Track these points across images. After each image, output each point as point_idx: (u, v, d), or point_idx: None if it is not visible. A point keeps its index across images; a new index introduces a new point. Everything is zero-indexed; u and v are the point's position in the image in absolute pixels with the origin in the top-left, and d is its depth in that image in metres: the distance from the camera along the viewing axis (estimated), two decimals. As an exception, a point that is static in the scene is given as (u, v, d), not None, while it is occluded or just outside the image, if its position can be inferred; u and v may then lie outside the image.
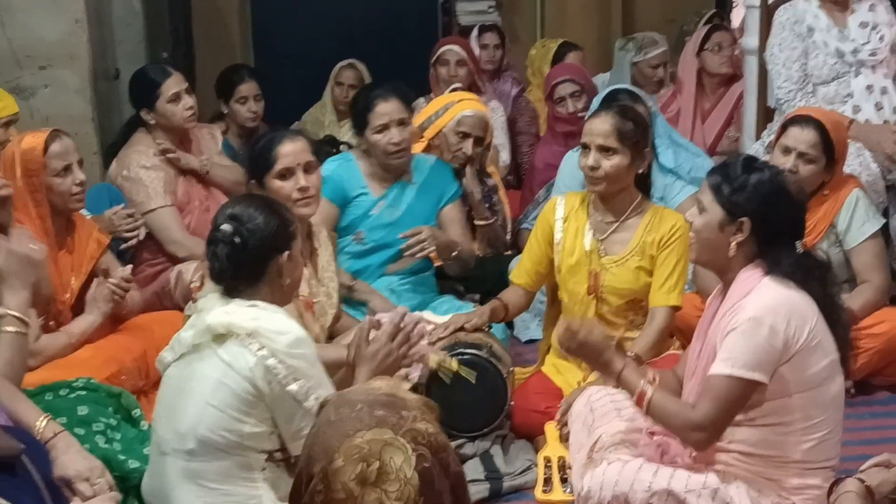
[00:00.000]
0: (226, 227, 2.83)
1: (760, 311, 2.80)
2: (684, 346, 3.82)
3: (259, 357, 2.69)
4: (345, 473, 1.72)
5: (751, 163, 2.98)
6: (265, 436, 2.76)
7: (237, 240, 2.80)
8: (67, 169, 3.81)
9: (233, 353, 2.71)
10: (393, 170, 4.41)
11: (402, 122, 4.34)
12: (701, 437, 2.87)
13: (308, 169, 3.69)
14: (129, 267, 4.09)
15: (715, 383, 2.83)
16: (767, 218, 2.90)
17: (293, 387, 2.70)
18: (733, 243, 2.91)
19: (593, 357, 3.03)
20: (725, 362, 2.81)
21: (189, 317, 2.99)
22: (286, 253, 2.85)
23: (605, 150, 3.76)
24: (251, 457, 2.76)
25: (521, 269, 4.06)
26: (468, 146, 4.84)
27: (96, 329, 3.85)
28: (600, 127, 3.78)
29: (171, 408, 2.82)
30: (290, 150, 3.67)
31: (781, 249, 2.88)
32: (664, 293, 3.80)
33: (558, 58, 6.74)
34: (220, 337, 2.74)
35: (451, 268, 4.51)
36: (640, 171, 3.86)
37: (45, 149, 3.77)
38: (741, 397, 2.82)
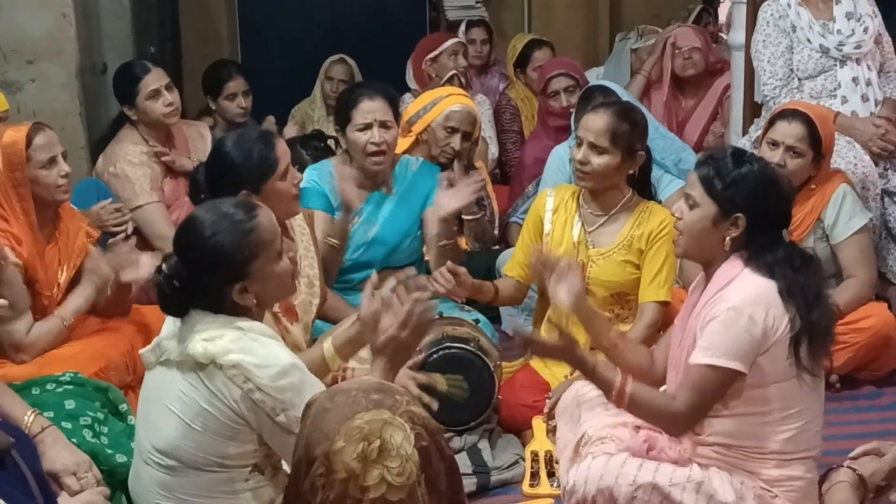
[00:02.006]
0: (163, 268, 2.72)
1: (740, 301, 2.83)
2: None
3: (245, 390, 2.61)
4: (346, 453, 1.74)
5: (740, 156, 3.00)
6: (249, 453, 2.71)
7: (176, 283, 2.70)
8: (52, 161, 3.75)
9: (217, 383, 2.63)
10: (371, 175, 4.28)
11: (385, 125, 4.20)
12: (679, 425, 2.91)
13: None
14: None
15: (694, 373, 2.86)
16: (761, 212, 2.93)
17: (281, 418, 2.62)
18: (728, 238, 2.94)
19: (564, 357, 3.04)
20: (705, 351, 2.84)
21: None
22: (238, 284, 2.69)
23: (595, 148, 3.77)
24: (234, 472, 2.71)
25: (513, 262, 4.06)
26: (456, 141, 4.84)
27: (85, 321, 3.84)
28: (595, 124, 3.77)
29: (152, 421, 2.76)
30: (284, 149, 3.56)
31: (769, 241, 2.92)
32: (653, 289, 3.81)
33: (524, 57, 6.73)
34: (204, 365, 2.64)
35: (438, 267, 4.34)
36: (631, 171, 3.87)
37: (29, 142, 3.72)
38: (720, 386, 2.85)
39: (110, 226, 4.45)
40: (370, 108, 4.20)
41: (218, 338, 2.64)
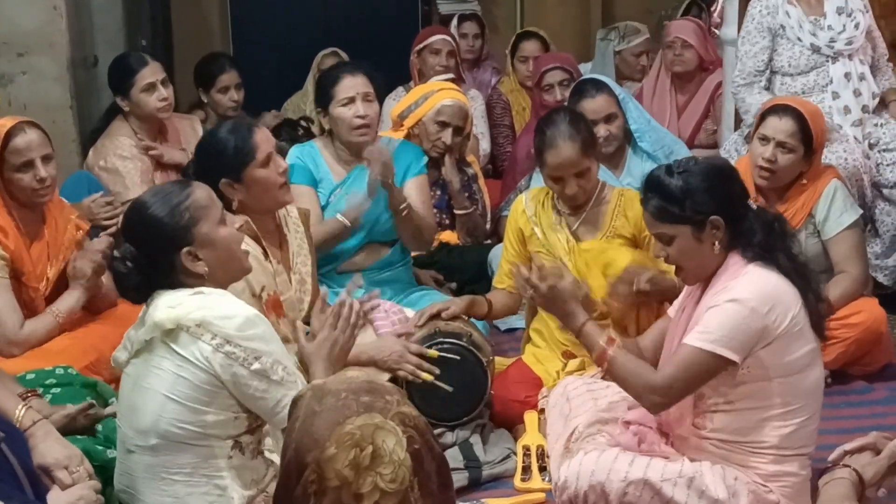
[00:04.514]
0: (116, 254, 2.81)
1: (744, 294, 2.84)
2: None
3: (214, 346, 2.65)
4: (338, 461, 1.72)
5: (671, 170, 3.00)
6: (229, 422, 2.74)
7: (129, 264, 2.76)
8: (28, 164, 3.70)
9: (186, 345, 2.67)
10: (356, 150, 4.30)
11: (368, 97, 4.26)
12: (657, 401, 2.90)
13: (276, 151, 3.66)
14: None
15: (685, 353, 2.86)
16: (726, 200, 2.95)
17: (256, 366, 2.67)
18: (716, 243, 2.94)
19: (558, 304, 3.01)
20: (700, 335, 2.85)
21: None
22: (185, 249, 2.74)
23: (578, 175, 3.79)
24: (216, 446, 2.73)
25: (501, 274, 4.06)
26: (447, 136, 4.83)
27: (75, 315, 3.83)
28: (569, 157, 3.76)
29: (131, 406, 2.79)
30: (265, 137, 3.59)
31: (748, 221, 2.94)
32: None
33: (513, 48, 6.73)
34: (171, 332, 2.69)
35: (407, 236, 4.36)
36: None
37: (6, 142, 3.68)
38: (708, 371, 2.85)
39: (101, 219, 4.44)
40: (352, 83, 4.26)
41: (180, 303, 2.70)
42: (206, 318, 2.66)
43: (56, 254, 3.86)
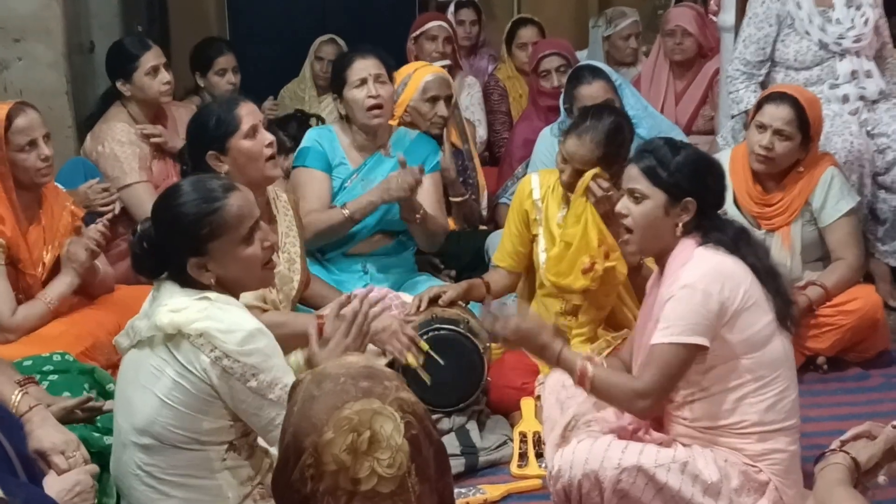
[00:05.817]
0: (138, 229, 2.79)
1: (693, 278, 2.86)
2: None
3: (213, 358, 2.62)
4: (335, 445, 1.72)
5: (674, 143, 3.05)
6: (224, 429, 2.72)
7: (145, 244, 2.75)
8: (32, 144, 3.71)
9: (186, 353, 2.65)
10: (372, 134, 4.35)
11: (381, 79, 4.31)
12: (643, 405, 2.92)
13: (263, 127, 3.66)
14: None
15: (657, 352, 2.88)
16: (707, 193, 2.99)
17: (253, 383, 2.63)
18: (679, 224, 2.97)
19: (529, 343, 3.03)
20: (665, 331, 2.86)
21: None
22: (194, 259, 2.69)
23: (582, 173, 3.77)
24: (211, 450, 2.72)
25: (501, 252, 4.06)
26: (442, 108, 4.82)
27: (71, 301, 3.82)
28: (582, 157, 3.74)
29: (128, 401, 2.77)
30: (251, 109, 3.61)
31: (717, 221, 2.99)
32: None
33: (510, 34, 6.72)
34: (172, 336, 2.66)
35: (420, 239, 4.42)
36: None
37: (8, 123, 3.68)
38: (683, 363, 2.87)
39: (98, 205, 4.44)
40: (364, 66, 4.31)
41: (184, 308, 2.66)
42: (207, 330, 2.62)
43: (52, 239, 3.85)
